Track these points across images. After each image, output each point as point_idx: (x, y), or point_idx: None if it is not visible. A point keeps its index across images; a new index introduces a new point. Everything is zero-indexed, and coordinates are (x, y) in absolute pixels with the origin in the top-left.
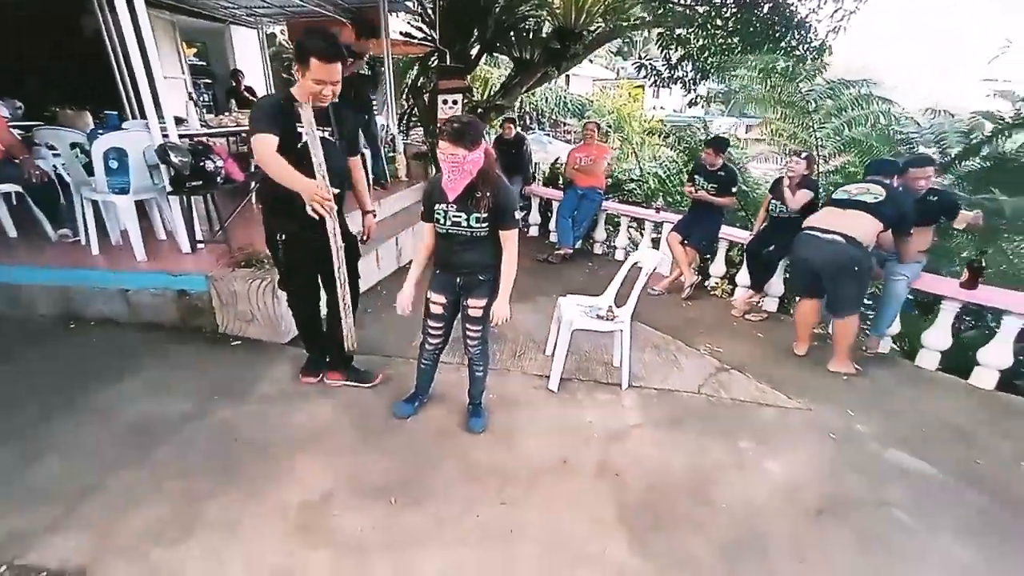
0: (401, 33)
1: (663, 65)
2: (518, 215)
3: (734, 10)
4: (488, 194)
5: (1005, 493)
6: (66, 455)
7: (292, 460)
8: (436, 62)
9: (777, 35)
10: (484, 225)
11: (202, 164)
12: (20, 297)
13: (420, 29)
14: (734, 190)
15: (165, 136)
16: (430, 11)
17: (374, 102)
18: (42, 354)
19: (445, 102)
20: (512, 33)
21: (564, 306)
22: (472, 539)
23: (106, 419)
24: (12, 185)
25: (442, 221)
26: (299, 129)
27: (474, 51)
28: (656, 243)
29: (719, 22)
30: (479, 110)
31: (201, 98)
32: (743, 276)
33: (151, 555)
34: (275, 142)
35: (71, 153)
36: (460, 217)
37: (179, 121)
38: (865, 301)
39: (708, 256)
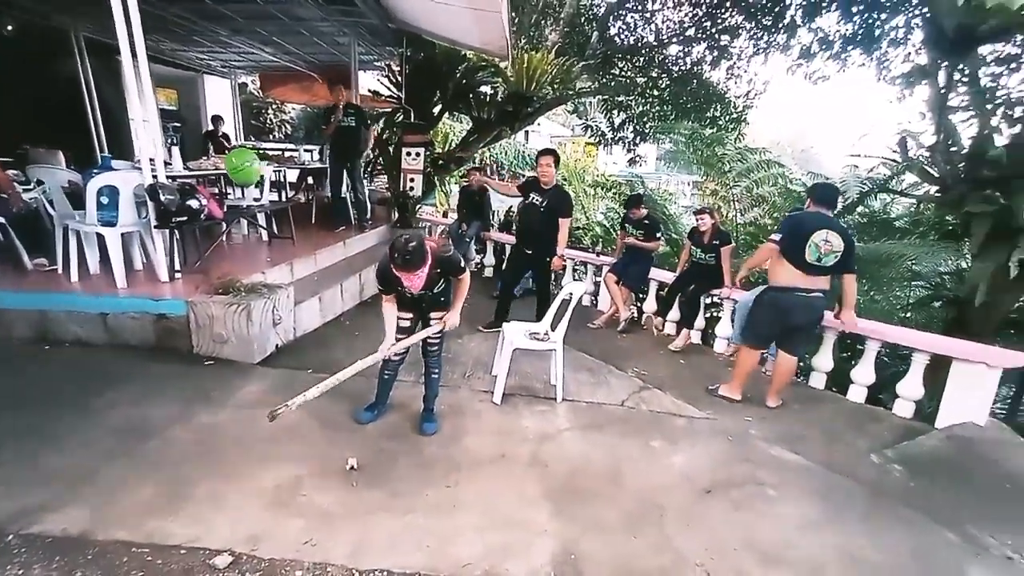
0: (369, 90)
1: (607, 127)
2: (475, 258)
3: (668, 82)
4: (441, 270)
5: (853, 473)
6: (62, 449)
7: (266, 453)
8: (401, 118)
9: (703, 106)
10: (443, 287)
11: (188, 203)
12: None
13: (387, 88)
14: (659, 235)
15: (154, 176)
16: (396, 72)
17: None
18: (24, 371)
19: (408, 154)
20: (471, 95)
21: (507, 330)
22: (421, 511)
23: (95, 422)
24: None
25: (410, 296)
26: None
27: (436, 109)
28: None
29: (655, 92)
30: (439, 162)
31: (169, 141)
32: (675, 313)
33: (145, 524)
34: None
35: (59, 189)
36: (424, 293)
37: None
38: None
39: (642, 295)
